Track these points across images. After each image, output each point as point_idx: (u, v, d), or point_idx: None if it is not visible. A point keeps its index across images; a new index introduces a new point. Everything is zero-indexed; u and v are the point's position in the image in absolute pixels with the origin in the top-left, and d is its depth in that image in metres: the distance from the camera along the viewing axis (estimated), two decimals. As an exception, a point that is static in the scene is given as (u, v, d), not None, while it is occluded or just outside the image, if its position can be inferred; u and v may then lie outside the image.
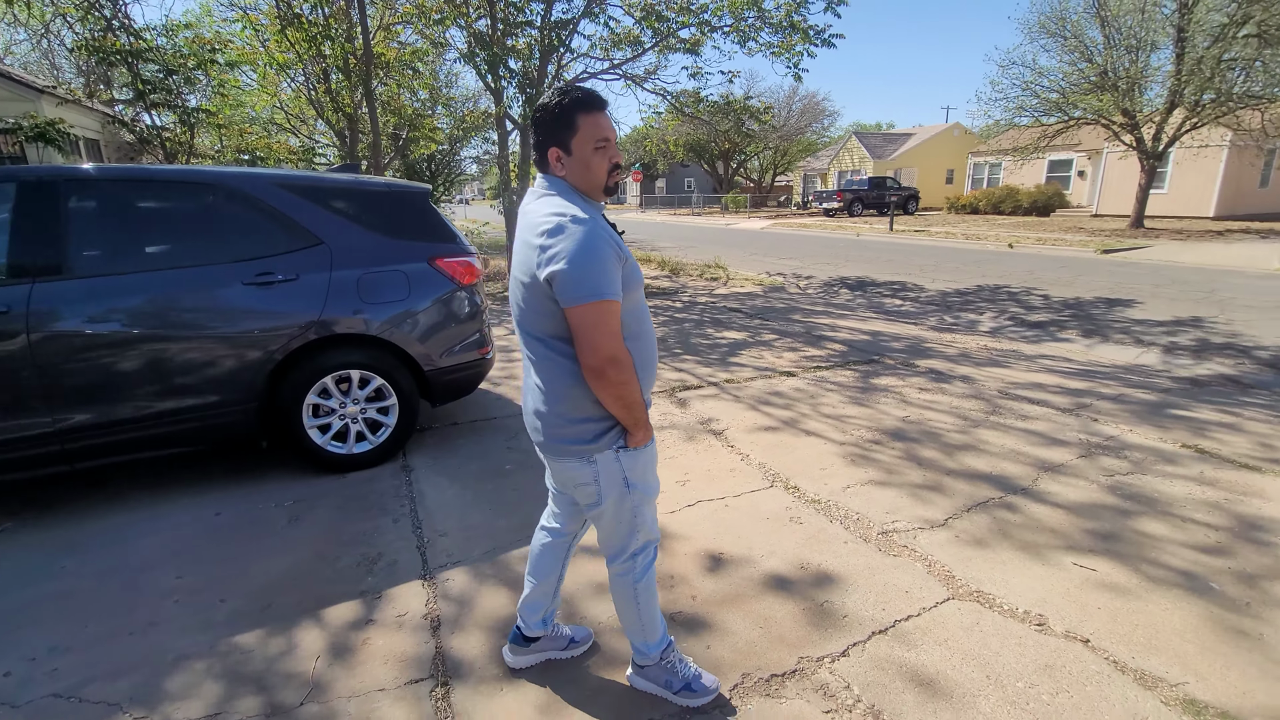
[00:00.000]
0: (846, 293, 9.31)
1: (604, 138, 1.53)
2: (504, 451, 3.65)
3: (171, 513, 2.99)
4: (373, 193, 3.49)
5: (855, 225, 22.82)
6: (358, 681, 1.94)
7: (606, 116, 1.55)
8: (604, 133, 1.53)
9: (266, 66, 9.27)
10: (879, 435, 3.78)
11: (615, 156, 1.56)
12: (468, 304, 3.64)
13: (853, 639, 2.08)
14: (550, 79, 10.02)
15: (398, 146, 11.60)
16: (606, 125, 1.54)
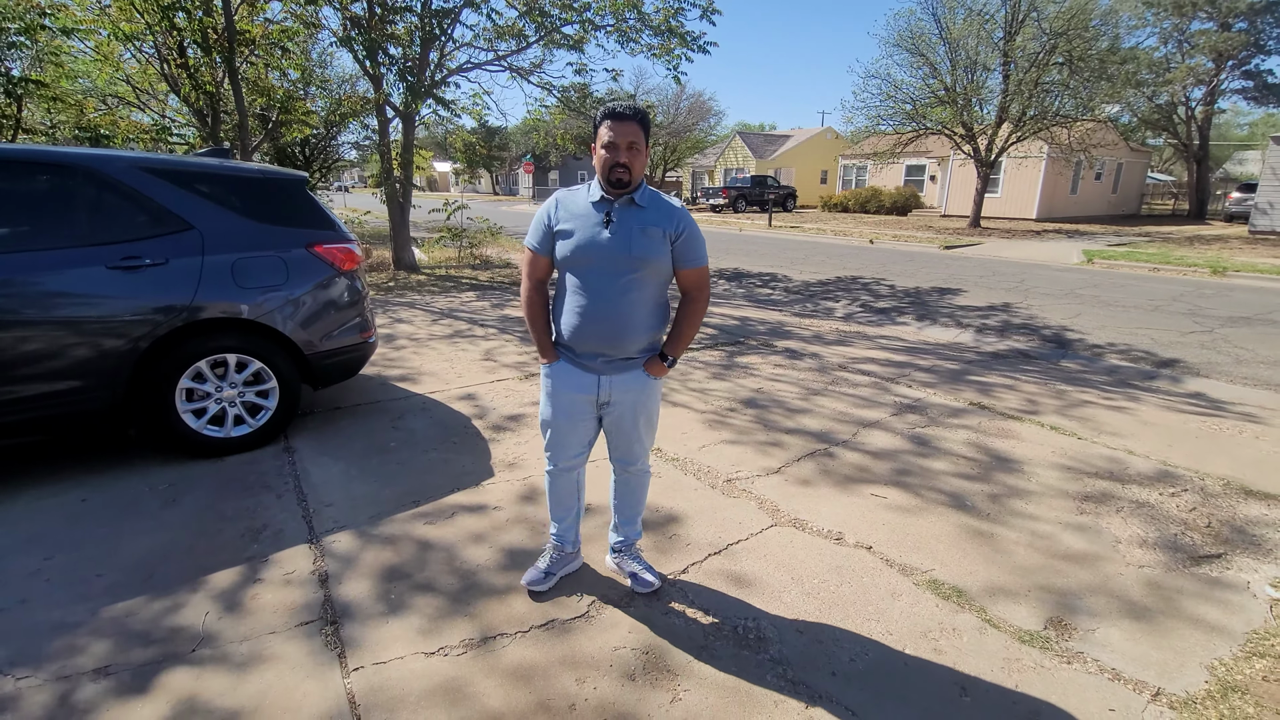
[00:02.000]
0: (724, 283, 10.01)
1: (607, 142, 1.91)
2: (388, 431, 3.81)
3: (27, 502, 2.92)
4: (246, 179, 3.52)
5: (739, 221, 24.11)
6: (248, 628, 2.12)
7: (623, 125, 1.90)
8: (607, 138, 1.91)
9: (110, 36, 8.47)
10: (735, 404, 4.31)
11: (616, 157, 1.90)
12: (348, 289, 3.76)
13: (691, 559, 2.53)
14: (432, 67, 9.93)
15: (267, 129, 10.97)
16: (614, 132, 1.90)
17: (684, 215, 2.03)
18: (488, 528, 2.74)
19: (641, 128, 1.93)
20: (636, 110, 1.93)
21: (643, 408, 2.17)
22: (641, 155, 1.93)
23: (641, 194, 1.98)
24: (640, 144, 1.92)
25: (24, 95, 8.06)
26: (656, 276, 2.03)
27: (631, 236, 1.95)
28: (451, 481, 3.17)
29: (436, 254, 12.43)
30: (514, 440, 3.69)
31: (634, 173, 1.93)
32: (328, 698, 1.84)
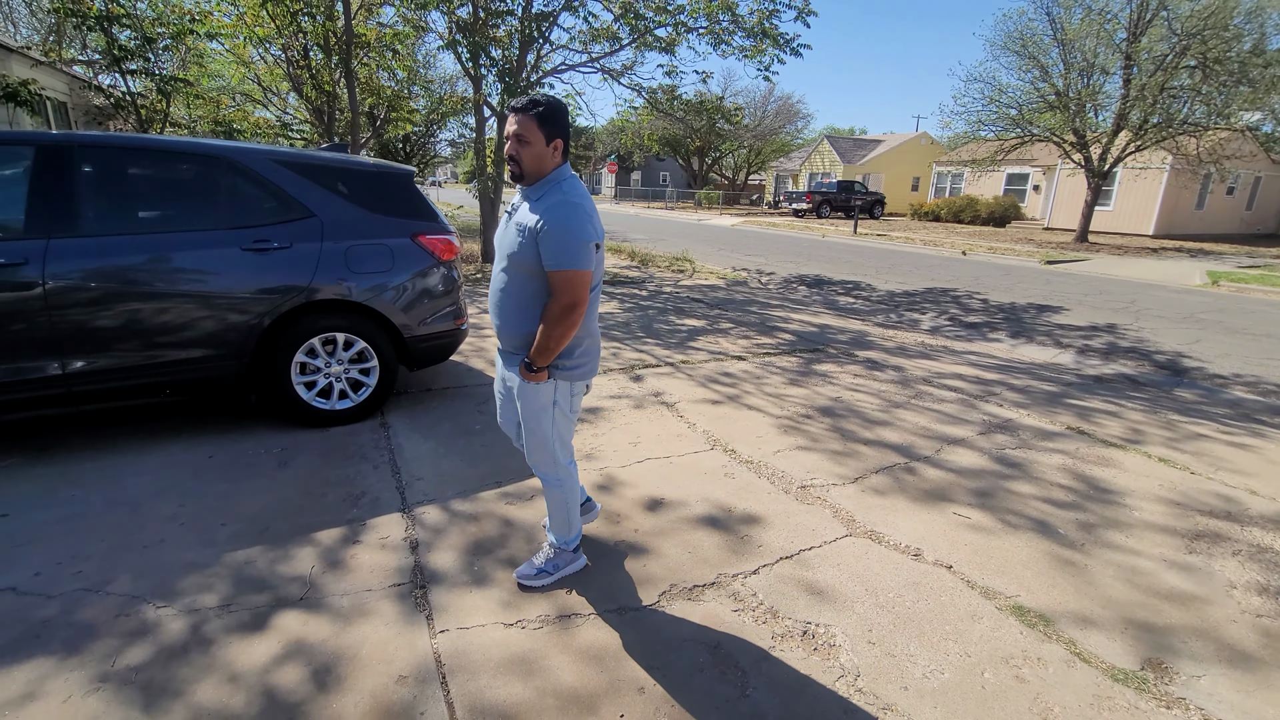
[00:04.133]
0: (804, 289, 9.84)
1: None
2: (474, 414, 4.01)
3: (166, 455, 3.28)
4: (362, 172, 3.80)
5: (822, 226, 23.55)
6: (348, 584, 2.31)
7: (513, 117, 1.91)
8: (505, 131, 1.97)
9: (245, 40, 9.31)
10: (811, 411, 4.25)
11: (507, 150, 1.95)
12: (446, 278, 3.98)
13: (763, 561, 2.53)
14: (529, 69, 10.29)
15: (374, 126, 11.71)
16: (508, 125, 1.92)
17: (551, 212, 1.88)
18: (565, 512, 2.85)
19: (534, 119, 1.88)
20: (531, 102, 1.89)
21: (522, 409, 2.14)
22: (532, 147, 1.90)
23: (539, 188, 1.96)
24: (529, 135, 1.89)
25: (172, 93, 8.98)
26: (523, 272, 1.97)
27: (507, 230, 2.02)
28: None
29: (521, 249, 12.84)
30: (591, 432, 3.80)
31: (523, 164, 1.93)
32: (416, 654, 1.98)
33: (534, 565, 2.36)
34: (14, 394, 3.00)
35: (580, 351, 2.10)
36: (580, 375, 2.13)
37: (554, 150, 1.95)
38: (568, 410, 2.17)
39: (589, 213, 1.94)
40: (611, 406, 4.23)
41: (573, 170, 2.04)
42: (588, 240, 1.90)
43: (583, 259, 1.89)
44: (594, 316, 2.12)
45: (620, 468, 3.33)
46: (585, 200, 1.95)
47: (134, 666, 1.89)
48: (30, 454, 3.24)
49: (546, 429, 2.15)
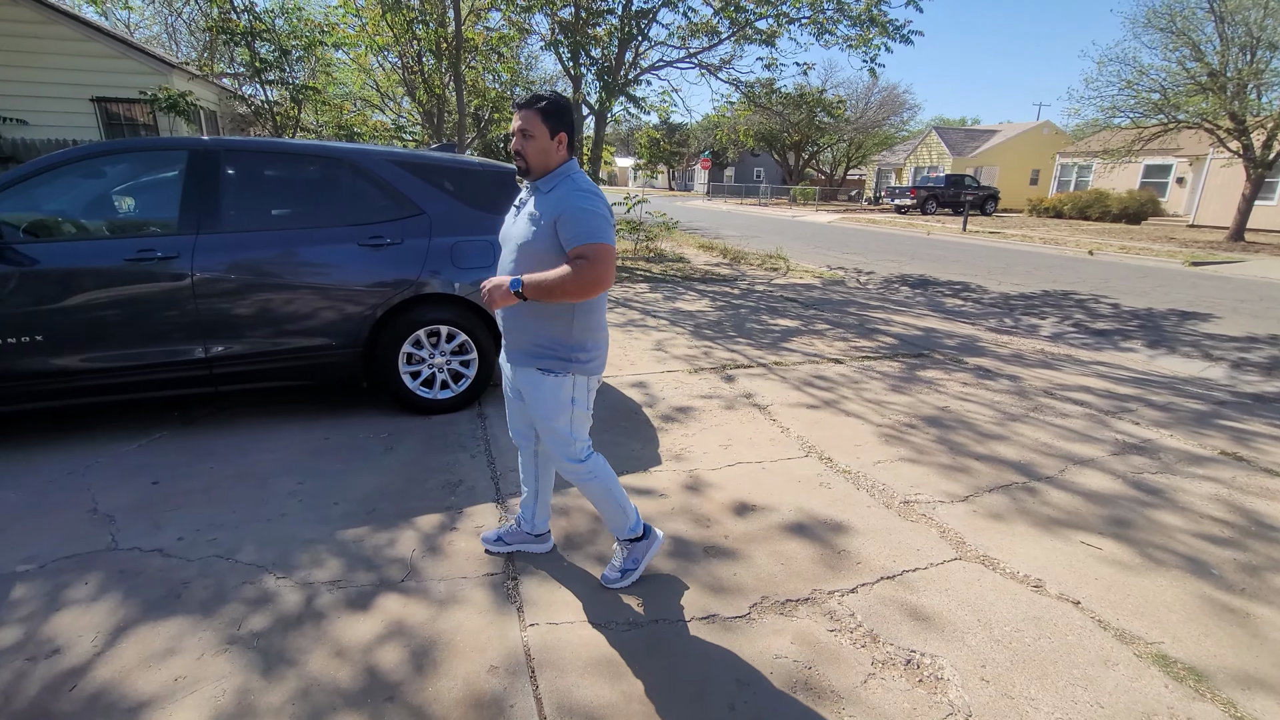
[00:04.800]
0: (906, 290, 9.32)
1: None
2: (566, 409, 4.06)
3: (288, 435, 3.55)
4: (469, 170, 3.94)
5: (927, 223, 22.27)
6: (445, 570, 2.39)
7: (518, 113, 1.96)
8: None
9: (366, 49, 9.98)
10: (915, 420, 3.99)
11: (513, 145, 1.99)
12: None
13: (861, 580, 2.39)
14: (627, 67, 10.36)
15: (479, 127, 12.21)
16: (514, 120, 1.98)
17: (569, 197, 1.91)
18: (654, 513, 2.82)
19: (538, 114, 1.91)
20: (535, 97, 1.93)
21: (537, 411, 2.11)
22: (536, 141, 1.92)
23: (548, 180, 1.97)
24: (534, 130, 1.91)
25: (303, 100, 9.77)
26: (533, 262, 1.95)
27: (518, 222, 2.02)
28: (622, 464, 3.30)
29: (614, 245, 12.98)
30: (681, 432, 3.75)
31: (528, 159, 1.95)
32: (507, 645, 2.01)
33: (615, 568, 2.34)
34: (167, 373, 3.34)
35: (593, 344, 2.10)
36: (594, 369, 2.13)
37: (558, 144, 1.97)
38: (584, 407, 2.15)
39: (605, 202, 1.98)
40: (702, 407, 4.16)
41: (579, 166, 2.07)
42: (610, 221, 1.93)
43: (609, 234, 1.91)
44: (604, 312, 2.13)
45: (710, 470, 3.26)
46: (598, 190, 1.99)
47: (256, 632, 2.04)
48: (178, 428, 3.61)
49: (564, 428, 2.12)
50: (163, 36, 21.09)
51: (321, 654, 1.96)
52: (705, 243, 14.38)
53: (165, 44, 20.76)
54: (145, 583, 2.27)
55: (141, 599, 2.18)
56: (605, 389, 4.44)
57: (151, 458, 3.24)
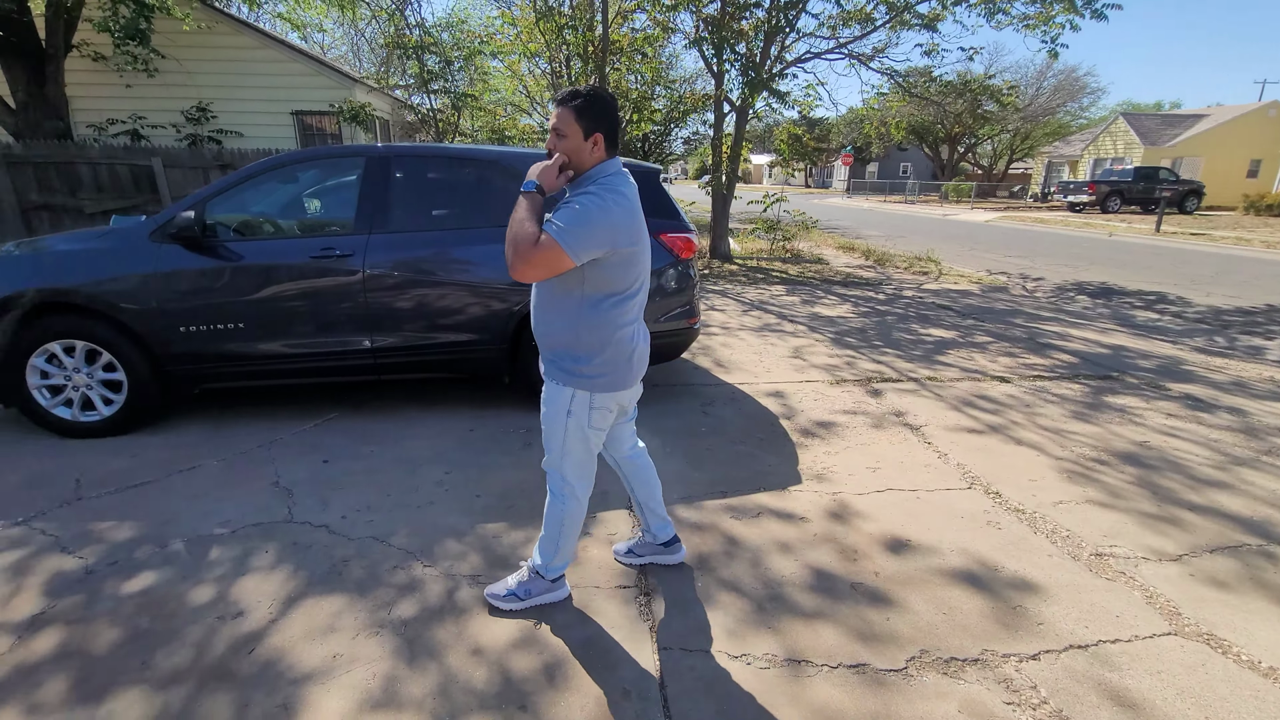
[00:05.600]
0: (1085, 299, 8.18)
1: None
2: (698, 415, 3.95)
3: (438, 424, 3.75)
4: (613, 171, 3.94)
5: (1108, 223, 19.59)
6: (578, 577, 2.36)
7: (554, 110, 1.84)
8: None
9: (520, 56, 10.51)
10: (1106, 456, 3.43)
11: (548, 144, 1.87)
12: (683, 277, 3.97)
13: (1045, 645, 2.04)
14: (772, 60, 10.02)
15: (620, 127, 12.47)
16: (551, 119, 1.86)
17: (577, 198, 1.75)
18: (795, 539, 2.62)
19: (572, 112, 1.78)
20: (572, 93, 1.80)
21: (544, 410, 2.00)
22: (568, 140, 1.79)
23: (578, 185, 1.83)
24: (566, 129, 1.78)
25: (462, 107, 10.48)
26: (553, 278, 1.83)
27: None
28: (757, 479, 3.13)
29: (748, 245, 12.71)
30: (823, 449, 3.49)
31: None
32: (639, 667, 1.93)
33: (506, 585, 2.20)
34: (340, 361, 3.65)
35: (601, 360, 1.91)
36: (600, 386, 1.93)
37: (593, 145, 1.81)
38: (584, 424, 1.96)
39: (610, 212, 1.74)
40: (845, 423, 3.86)
41: (621, 166, 1.89)
42: (595, 234, 1.72)
43: (571, 239, 1.69)
44: (623, 326, 1.91)
45: (856, 495, 2.99)
46: (612, 200, 1.76)
47: (404, 620, 2.12)
48: (347, 411, 3.94)
49: (559, 438, 2.00)
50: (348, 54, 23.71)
51: (461, 650, 2.00)
52: (845, 243, 13.65)
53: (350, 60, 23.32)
54: (312, 557, 2.45)
55: (309, 572, 2.36)
56: (741, 396, 4.27)
57: (324, 437, 3.55)
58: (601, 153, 1.83)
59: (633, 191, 1.85)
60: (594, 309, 1.86)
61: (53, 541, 2.53)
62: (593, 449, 2.05)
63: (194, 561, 2.42)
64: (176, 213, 3.33)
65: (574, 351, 1.91)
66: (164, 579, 2.31)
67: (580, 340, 1.89)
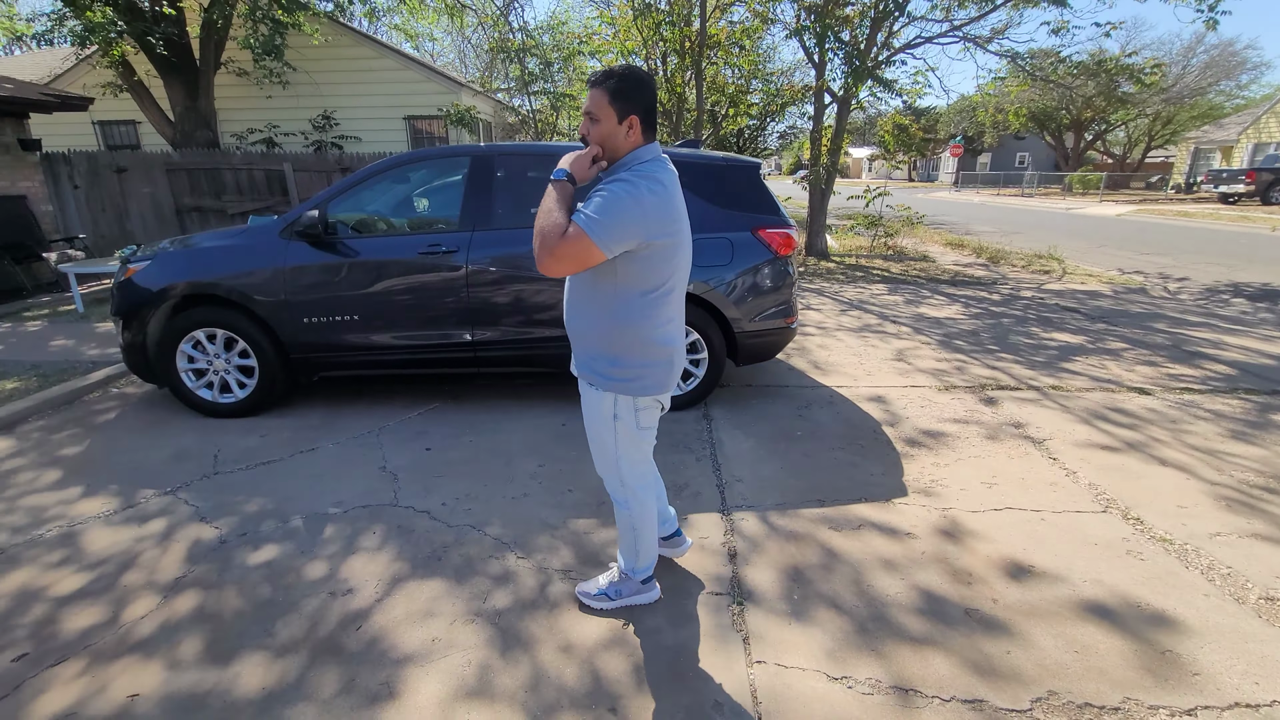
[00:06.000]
0: (1242, 303, 7.20)
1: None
2: (794, 418, 3.80)
3: (534, 417, 3.83)
4: (710, 165, 3.86)
5: (1270, 215, 17.21)
6: (669, 580, 2.32)
7: (589, 92, 1.76)
8: None
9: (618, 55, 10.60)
10: (1276, 484, 2.97)
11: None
12: (781, 274, 3.83)
13: (1204, 701, 1.77)
14: (878, 47, 9.54)
15: (715, 122, 12.29)
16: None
17: (606, 185, 1.65)
18: (899, 556, 2.44)
19: (605, 94, 1.68)
20: (605, 74, 1.70)
21: (586, 418, 1.97)
22: (601, 125, 1.70)
23: (612, 171, 1.74)
24: (600, 113, 1.69)
25: (560, 107, 10.71)
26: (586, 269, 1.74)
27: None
28: (857, 489, 2.96)
29: (846, 242, 12.20)
30: (930, 460, 3.26)
31: (591, 142, 1.74)
32: (732, 680, 1.86)
33: (597, 584, 2.17)
34: (444, 353, 3.80)
35: (638, 364, 1.81)
36: (638, 390, 1.84)
37: (628, 128, 1.71)
38: (633, 427, 1.89)
39: (640, 201, 1.63)
40: (956, 432, 3.58)
41: (660, 152, 1.78)
42: (624, 223, 1.62)
43: (599, 229, 1.60)
44: (660, 325, 1.81)
45: (969, 512, 2.76)
46: (644, 188, 1.64)
47: (498, 610, 2.16)
48: (447, 401, 4.11)
49: (609, 443, 1.94)
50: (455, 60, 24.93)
51: (551, 645, 2.00)
52: (954, 239, 12.80)
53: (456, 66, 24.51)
54: (414, 541, 2.56)
55: (411, 556, 2.45)
56: (839, 401, 4.07)
57: (428, 425, 3.71)
58: (638, 137, 1.73)
59: (671, 179, 1.74)
60: (627, 306, 1.75)
61: (194, 511, 2.79)
62: (646, 450, 1.99)
63: (310, 538, 2.58)
64: (302, 212, 3.58)
65: (610, 353, 1.82)
66: (285, 553, 2.48)
67: (615, 341, 1.80)
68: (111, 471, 3.15)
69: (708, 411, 3.91)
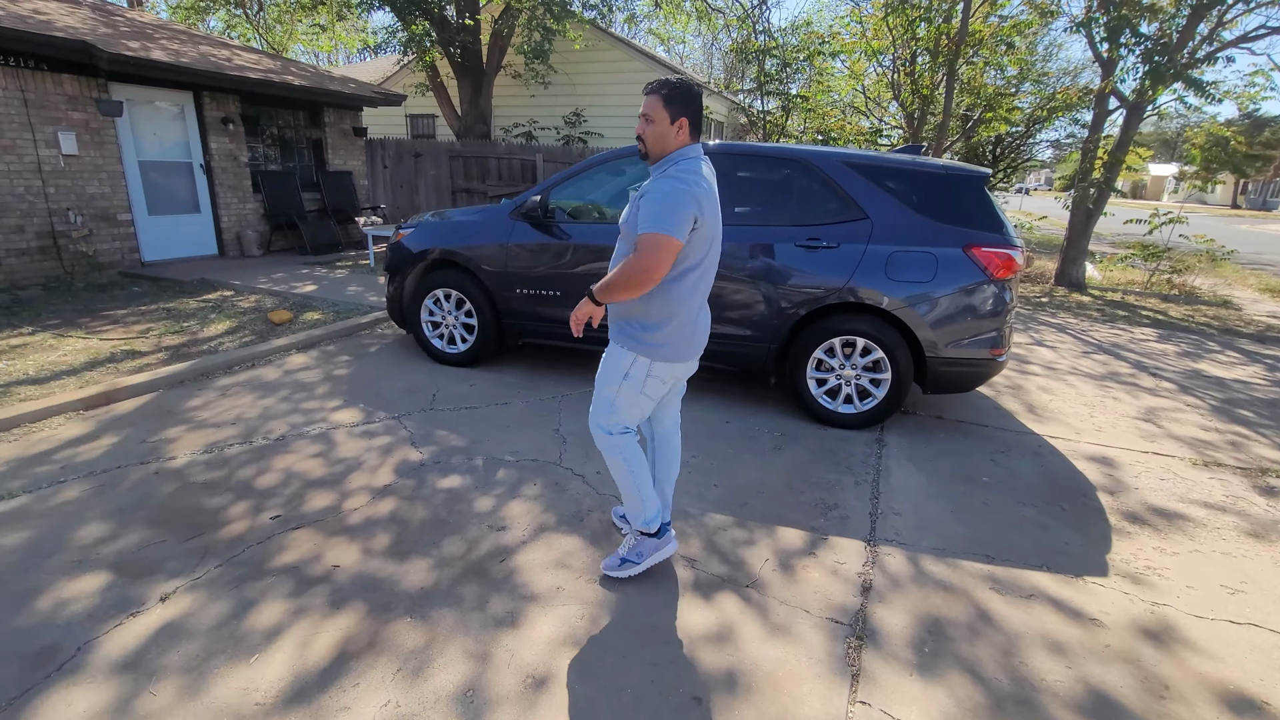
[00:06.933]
0: None
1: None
2: (985, 462, 3.37)
3: (698, 410, 3.91)
4: (927, 174, 3.56)
5: None
6: (790, 594, 2.25)
7: (644, 98, 2.00)
8: None
9: (862, 54, 10.10)
10: None
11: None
12: (993, 298, 3.41)
13: None
14: (1196, 41, 7.80)
15: (965, 128, 11.11)
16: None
17: (655, 183, 1.93)
18: (1074, 641, 2.07)
19: (660, 99, 1.94)
20: (660, 83, 1.97)
21: (600, 369, 2.19)
22: (655, 126, 1.95)
23: (660, 166, 1.98)
24: (655, 115, 1.94)
25: (792, 109, 10.56)
26: (630, 250, 1.96)
27: (629, 208, 2.00)
28: (1041, 554, 2.55)
29: (1114, 274, 10.26)
30: (1153, 544, 2.67)
31: (647, 143, 1.99)
32: (827, 712, 1.76)
33: (617, 555, 2.31)
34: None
35: (667, 330, 2.04)
36: (661, 355, 2.06)
37: (678, 129, 1.96)
38: (638, 389, 2.10)
39: (691, 190, 1.89)
40: (1202, 518, 2.89)
41: (701, 150, 2.01)
42: (684, 210, 1.86)
43: (673, 226, 1.85)
44: (689, 300, 2.04)
45: (1192, 616, 2.22)
46: (691, 180, 1.91)
47: (624, 579, 2.30)
48: (625, 381, 4.37)
49: (609, 396, 2.14)
50: (703, 62, 25.80)
51: (658, 622, 2.08)
52: (1274, 285, 10.04)
53: (703, 67, 25.35)
54: (565, 499, 2.81)
55: (559, 512, 2.71)
56: (1047, 453, 3.51)
57: (602, 400, 4.01)
58: (685, 137, 1.98)
59: (711, 175, 2.03)
60: (668, 280, 1.98)
61: (408, 436, 3.38)
62: (639, 414, 2.17)
63: (485, 477, 2.98)
64: (529, 196, 4.07)
65: (644, 320, 2.05)
66: (463, 485, 2.90)
67: (651, 309, 2.02)
68: (362, 393, 3.94)
69: (882, 436, 3.64)
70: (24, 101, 6.06)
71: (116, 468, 2.92)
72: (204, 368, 4.15)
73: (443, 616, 2.07)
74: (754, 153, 3.97)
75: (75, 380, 3.80)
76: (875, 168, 3.59)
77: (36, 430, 3.26)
